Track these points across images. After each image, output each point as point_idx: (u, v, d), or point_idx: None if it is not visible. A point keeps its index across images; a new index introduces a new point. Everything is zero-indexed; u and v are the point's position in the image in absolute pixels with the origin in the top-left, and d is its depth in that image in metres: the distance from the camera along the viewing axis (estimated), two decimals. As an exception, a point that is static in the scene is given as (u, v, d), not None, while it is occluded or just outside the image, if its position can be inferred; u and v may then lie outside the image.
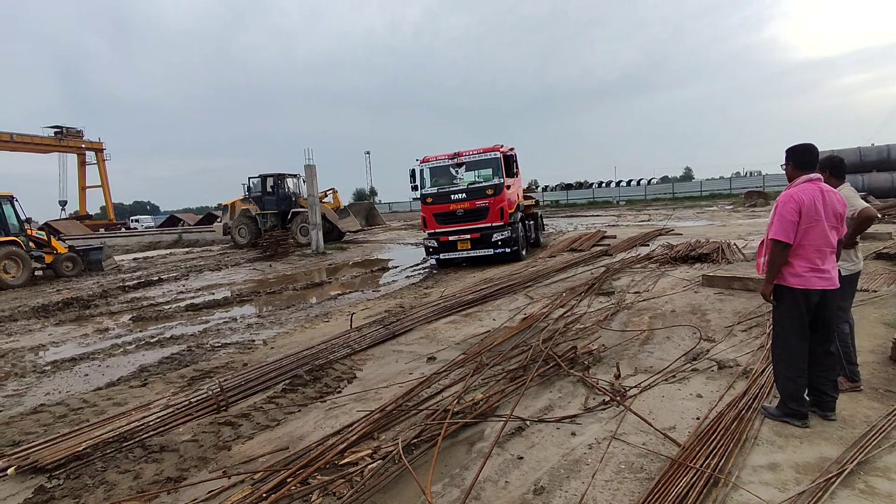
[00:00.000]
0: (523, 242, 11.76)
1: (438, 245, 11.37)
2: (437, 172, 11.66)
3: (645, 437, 2.85)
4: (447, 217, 11.24)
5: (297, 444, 3.14)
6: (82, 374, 5.44)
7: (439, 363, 4.47)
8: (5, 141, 35.54)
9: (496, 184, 10.93)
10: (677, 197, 41.79)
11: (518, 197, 11.87)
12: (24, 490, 2.88)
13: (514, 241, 10.97)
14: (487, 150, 11.24)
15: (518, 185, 12.25)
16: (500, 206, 10.79)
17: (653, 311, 5.64)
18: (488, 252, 10.98)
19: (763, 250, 2.93)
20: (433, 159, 11.70)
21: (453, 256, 11.40)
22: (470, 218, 11.05)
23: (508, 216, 10.88)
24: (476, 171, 11.66)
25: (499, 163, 11.07)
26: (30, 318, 9.08)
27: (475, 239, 11.04)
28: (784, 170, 2.94)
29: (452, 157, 11.45)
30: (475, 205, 10.97)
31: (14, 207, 14.71)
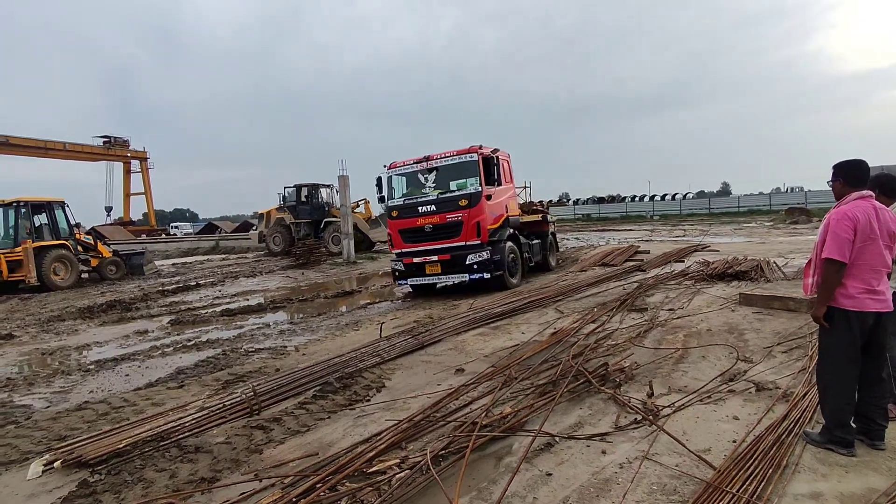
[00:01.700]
0: (514, 266, 9.70)
1: (404, 268, 9.49)
2: (408, 181, 9.91)
3: (678, 458, 2.77)
4: (414, 234, 9.35)
5: (327, 451, 3.18)
6: (123, 374, 5.65)
7: (467, 375, 4.47)
8: (59, 150, 37.48)
9: (472, 193, 8.95)
10: (714, 212, 40.75)
11: (507, 210, 9.90)
12: (69, 483, 3.00)
13: (495, 264, 8.98)
14: (462, 153, 9.25)
15: (509, 196, 10.28)
16: (477, 220, 8.86)
17: (687, 329, 5.50)
18: (462, 278, 9.00)
19: (811, 270, 2.82)
20: (402, 164, 9.90)
21: (422, 282, 9.48)
22: (440, 235, 9.10)
23: (487, 233, 8.99)
24: (450, 178, 9.58)
25: (476, 167, 9.09)
26: (76, 318, 9.50)
27: (445, 261, 9.05)
28: (831, 186, 2.84)
29: (422, 161, 9.62)
30: (446, 219, 8.99)
31: (65, 213, 15.49)
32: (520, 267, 10.00)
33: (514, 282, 9.67)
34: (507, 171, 10.38)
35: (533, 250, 10.93)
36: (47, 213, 15.06)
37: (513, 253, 9.73)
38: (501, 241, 9.32)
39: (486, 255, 8.91)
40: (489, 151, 9.28)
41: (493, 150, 9.49)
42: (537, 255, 11.25)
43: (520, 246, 10.11)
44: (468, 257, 8.89)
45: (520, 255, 10.01)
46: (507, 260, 9.33)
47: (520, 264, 10.00)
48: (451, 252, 9.10)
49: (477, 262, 8.88)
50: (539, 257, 11.40)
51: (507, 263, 9.37)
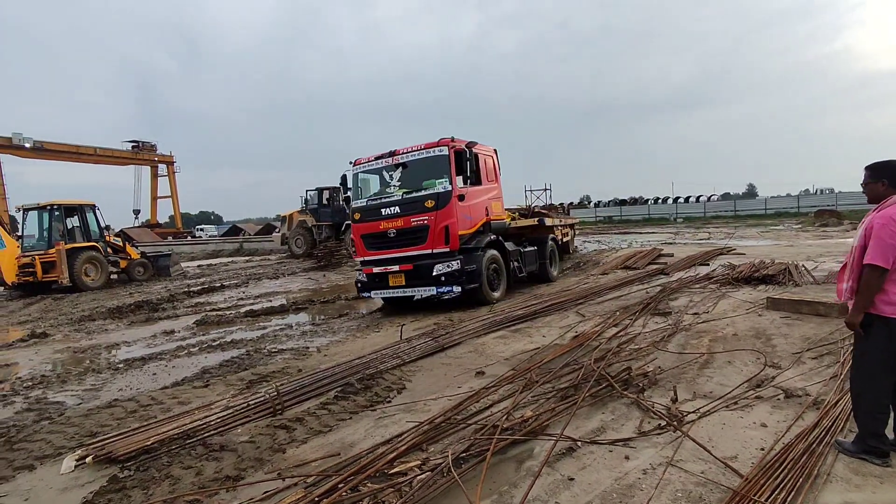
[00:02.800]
0: (495, 278, 8.56)
1: (366, 279, 8.48)
2: (378, 179, 8.80)
3: (704, 465, 2.72)
4: (377, 240, 8.30)
5: (349, 451, 3.21)
6: (151, 372, 5.79)
7: (488, 378, 4.45)
8: (90, 154, 38.68)
9: (440, 192, 7.80)
10: (739, 215, 39.90)
11: (488, 212, 8.73)
12: (99, 478, 3.09)
13: (468, 275, 7.81)
14: (431, 146, 8.07)
15: (491, 197, 9.02)
16: (445, 224, 7.74)
17: (713, 333, 5.39)
18: (429, 291, 7.91)
19: (846, 275, 2.73)
20: (367, 161, 8.73)
21: (389, 295, 8.41)
22: (404, 241, 8.04)
23: (458, 239, 7.83)
24: (420, 176, 8.23)
25: (446, 163, 7.90)
26: (106, 318, 9.78)
27: (409, 272, 7.97)
28: (865, 188, 2.74)
29: (387, 157, 8.49)
30: (410, 223, 7.92)
31: (96, 215, 15.98)
32: (503, 279, 8.82)
33: (496, 296, 8.50)
34: (492, 169, 9.18)
35: (525, 259, 9.65)
36: (79, 215, 15.56)
37: (494, 262, 8.56)
38: (478, 249, 8.14)
39: (457, 264, 7.73)
40: (463, 145, 8.13)
41: (468, 143, 8.31)
42: (531, 265, 9.97)
43: (505, 254, 8.91)
44: (435, 267, 7.74)
45: (504, 265, 8.82)
46: (485, 270, 8.15)
47: (504, 276, 8.82)
48: (415, 261, 7.97)
49: (445, 274, 7.70)
50: (534, 267, 10.14)
51: (487, 274, 8.25)
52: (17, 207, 16.22)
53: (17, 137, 32.74)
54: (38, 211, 15.01)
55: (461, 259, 7.79)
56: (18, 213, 15.85)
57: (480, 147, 8.76)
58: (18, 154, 33.97)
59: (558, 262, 11.66)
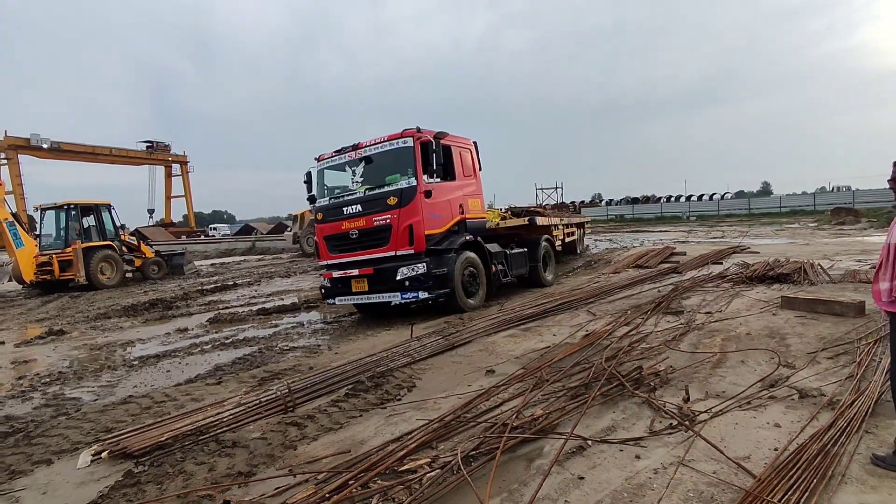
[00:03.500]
0: (472, 282, 7.91)
1: (329, 284, 7.92)
2: (339, 176, 8.15)
3: (716, 465, 2.70)
4: (339, 242, 7.75)
5: (359, 448, 3.23)
6: (165, 370, 5.87)
7: (498, 376, 4.45)
8: (105, 155, 39.29)
9: (403, 188, 7.18)
10: (754, 213, 39.42)
11: (463, 210, 8.05)
12: (115, 473, 3.14)
13: (436, 280, 7.16)
14: (394, 137, 7.46)
15: (468, 193, 8.32)
16: (409, 223, 7.11)
17: (726, 332, 5.34)
18: (394, 298, 7.31)
19: (884, 274, 2.63)
20: (331, 156, 8.12)
21: (352, 301, 7.84)
22: (367, 243, 7.46)
23: (424, 240, 7.21)
24: (384, 171, 7.57)
25: (411, 156, 7.27)
26: (121, 316, 9.93)
27: (370, 276, 7.39)
28: (891, 183, 2.69)
29: (350, 150, 7.87)
30: (372, 222, 7.33)
31: (111, 215, 16.22)
32: (482, 284, 8.13)
33: (472, 303, 7.82)
34: (470, 163, 8.50)
35: (511, 262, 8.90)
36: (95, 215, 15.81)
37: (471, 266, 7.88)
38: (450, 251, 7.48)
39: (423, 268, 7.08)
40: (430, 136, 7.45)
41: (436, 133, 7.57)
42: (520, 268, 9.24)
43: (485, 256, 8.21)
44: (399, 271, 7.14)
45: (483, 268, 8.14)
46: (458, 274, 7.49)
47: (482, 280, 8.13)
48: (376, 264, 7.38)
49: (409, 278, 7.08)
50: (524, 270, 9.40)
51: (461, 279, 7.59)
52: (34, 207, 16.54)
53: (35, 138, 33.35)
54: (55, 210, 15.28)
55: (427, 262, 7.12)
56: (36, 212, 16.15)
57: (453, 139, 8.09)
58: (36, 154, 34.59)
59: (554, 266, 10.85)
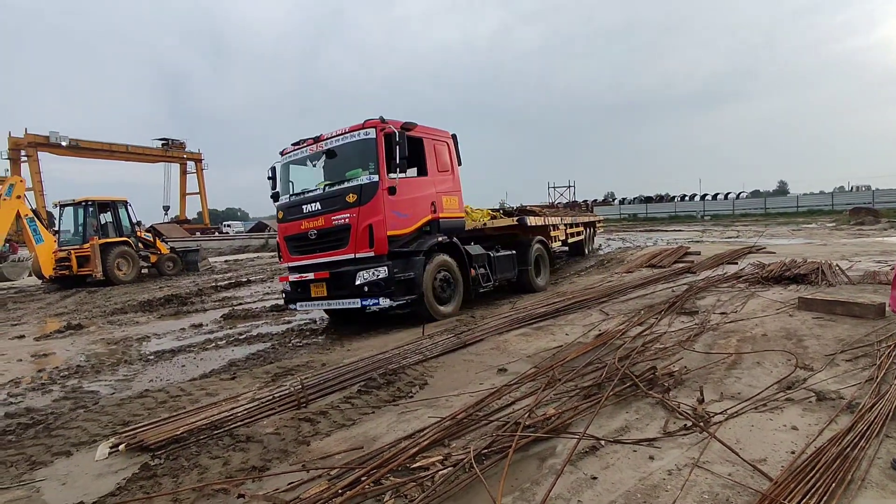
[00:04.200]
0: (446, 288, 7.31)
1: (290, 288, 7.46)
2: (302, 171, 7.64)
3: (731, 467, 2.67)
4: (299, 242, 7.21)
5: (371, 445, 3.24)
6: (180, 364, 5.95)
7: (510, 375, 4.44)
8: (122, 152, 39.88)
9: (363, 184, 6.60)
10: (770, 213, 38.89)
11: (436, 209, 7.43)
12: (132, 465, 3.19)
13: (404, 285, 6.65)
14: (356, 128, 6.84)
15: (443, 190, 7.65)
16: (369, 223, 6.52)
17: (741, 333, 5.27)
18: (353, 304, 6.72)
19: None
20: (293, 150, 7.59)
21: (312, 307, 7.41)
22: (326, 244, 6.91)
23: (386, 242, 6.60)
24: (347, 165, 6.99)
25: (373, 148, 6.65)
26: (137, 311, 10.08)
27: (328, 280, 6.87)
28: None
29: (311, 143, 7.36)
30: (331, 222, 6.78)
31: (128, 211, 16.47)
32: (459, 290, 7.53)
33: (445, 310, 7.23)
34: (447, 158, 7.89)
35: (496, 266, 8.29)
36: (112, 211, 16.06)
37: (445, 270, 7.30)
38: (417, 253, 6.87)
39: (384, 272, 6.47)
40: (396, 126, 6.79)
41: (404, 124, 6.97)
42: (506, 272, 8.61)
43: (463, 259, 7.61)
44: (358, 275, 6.54)
45: (459, 272, 7.54)
46: (428, 279, 6.91)
47: (459, 286, 7.53)
48: (332, 268, 6.82)
49: (369, 283, 6.48)
50: (511, 274, 8.79)
51: (432, 284, 7.03)
52: (54, 203, 16.86)
53: (54, 136, 33.94)
54: (73, 207, 15.55)
55: (389, 265, 6.53)
56: (55, 208, 16.45)
57: (426, 130, 7.54)
58: (55, 152, 35.22)
59: (548, 269, 10.17)
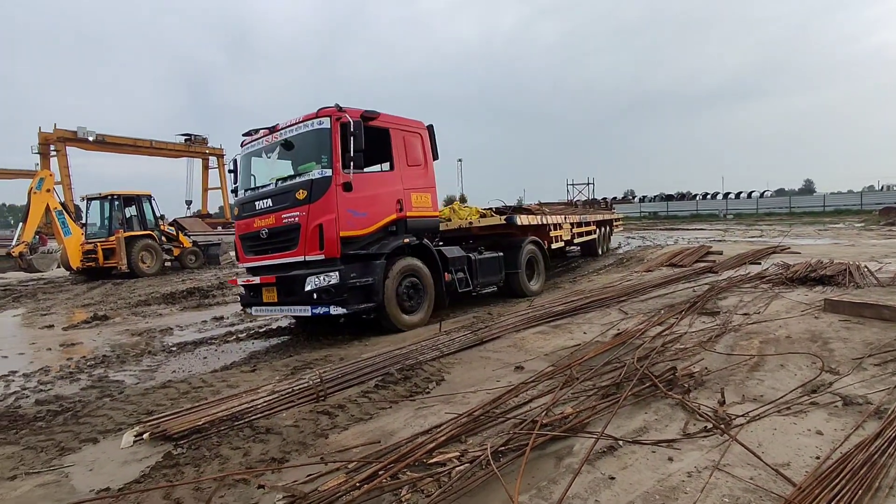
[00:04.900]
0: (412, 295, 6.72)
1: (245, 291, 7.00)
2: (262, 164, 6.97)
3: (753, 471, 2.62)
4: (252, 242, 6.67)
5: (388, 439, 3.27)
6: (202, 356, 6.07)
7: (527, 373, 4.43)
8: (146, 147, 40.64)
9: (314, 179, 6.02)
10: (795, 212, 38.02)
11: (403, 206, 6.79)
12: (155, 454, 3.27)
13: (360, 292, 6.06)
14: (310, 118, 6.25)
15: (413, 187, 7.01)
16: (320, 222, 5.92)
17: (764, 335, 5.17)
18: (304, 312, 6.11)
19: None
20: (250, 141, 7.06)
21: (266, 313, 6.94)
22: (277, 245, 6.36)
23: (338, 243, 5.98)
24: (303, 157, 6.44)
25: (327, 140, 6.05)
26: (160, 303, 10.29)
27: (279, 285, 6.30)
28: None
29: (266, 134, 6.80)
30: (281, 220, 6.23)
31: (151, 205, 16.80)
32: (428, 296, 6.91)
33: (411, 319, 6.62)
34: (419, 151, 7.24)
35: (479, 269, 7.69)
36: (136, 205, 16.41)
37: (412, 274, 6.67)
38: (378, 256, 6.28)
39: (335, 277, 5.85)
40: (354, 115, 6.13)
41: (364, 112, 6.34)
42: (490, 276, 8.01)
43: (436, 263, 7.03)
44: (307, 280, 5.93)
45: (429, 277, 6.93)
46: (391, 285, 6.32)
47: (429, 293, 6.92)
48: (281, 271, 6.28)
49: (318, 290, 5.87)
50: (496, 279, 8.19)
51: (395, 291, 6.42)
52: (81, 197, 17.30)
53: (82, 131, 34.73)
54: (99, 200, 15.93)
55: (342, 270, 5.91)
56: (83, 202, 16.87)
57: (393, 120, 6.94)
58: (82, 147, 36.03)
59: (543, 272, 9.40)
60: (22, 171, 35.73)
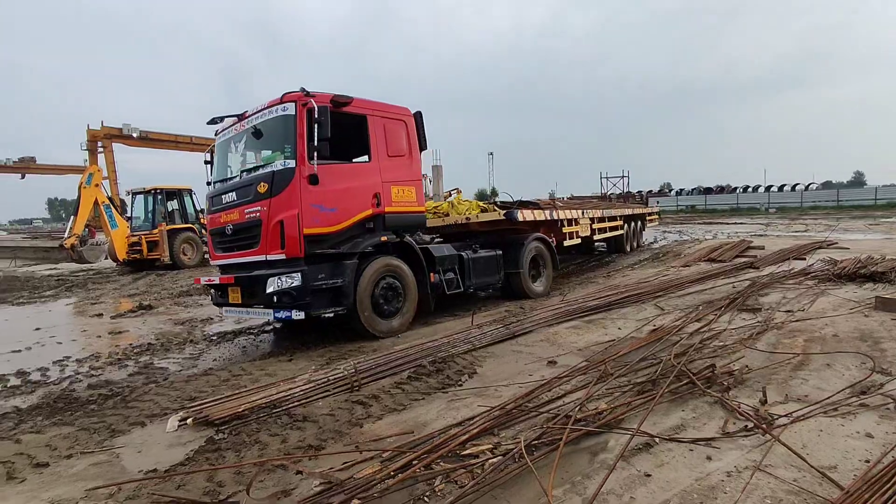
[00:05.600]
0: (390, 298, 6.17)
1: (213, 290, 6.62)
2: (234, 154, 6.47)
3: (797, 473, 2.54)
4: (220, 238, 6.22)
5: (422, 430, 3.31)
6: (241, 346, 6.27)
7: (560, 368, 4.40)
8: (186, 143, 41.86)
9: (276, 171, 5.53)
10: (843, 205, 36.32)
11: (381, 201, 6.20)
12: (198, 438, 3.40)
13: (323, 296, 5.58)
14: (274, 104, 5.74)
15: (395, 179, 6.40)
16: (280, 218, 5.42)
17: (809, 333, 4.98)
18: (267, 315, 5.72)
19: None
20: (222, 130, 6.59)
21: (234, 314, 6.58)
22: (241, 242, 5.92)
23: (300, 242, 5.43)
24: (270, 147, 6.00)
25: (292, 127, 5.54)
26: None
27: (242, 285, 5.85)
28: None
29: (235, 122, 6.35)
30: (244, 215, 5.77)
31: (192, 199, 17.34)
32: (409, 299, 6.37)
33: (390, 325, 6.15)
34: (403, 140, 6.63)
35: (470, 269, 7.16)
36: (178, 199, 16.98)
37: (391, 275, 6.16)
38: (350, 256, 5.77)
39: (297, 279, 5.37)
40: (323, 101, 5.58)
41: (334, 97, 5.77)
42: (486, 277, 7.50)
43: (419, 262, 6.51)
44: (269, 282, 5.43)
45: (411, 278, 6.39)
46: (365, 288, 5.82)
47: (410, 295, 6.38)
48: (243, 271, 5.87)
49: (280, 292, 5.40)
50: (493, 279, 7.67)
51: (372, 294, 5.93)
52: (126, 191, 18.02)
53: (126, 128, 36.07)
54: (143, 195, 16.56)
55: (305, 271, 5.40)
56: (128, 196, 17.58)
57: (370, 105, 6.29)
58: (127, 143, 37.45)
59: (550, 272, 8.74)
60: (72, 167, 37.42)
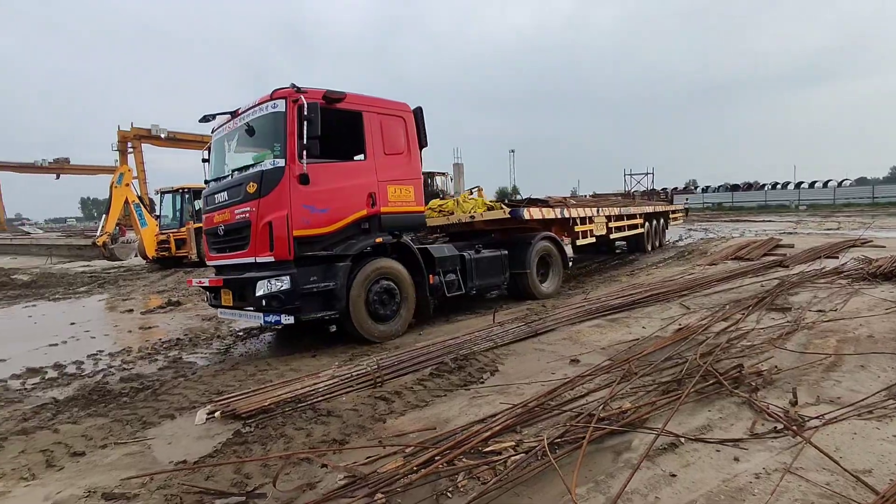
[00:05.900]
0: (386, 302, 5.94)
1: (207, 292, 6.50)
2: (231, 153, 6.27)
3: (829, 476, 2.48)
4: (213, 238, 6.12)
5: (444, 426, 3.32)
6: (266, 341, 6.39)
7: (583, 366, 4.36)
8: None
9: (265, 171, 5.37)
10: (878, 202, 35.10)
11: (376, 201, 5.97)
12: (226, 431, 3.49)
13: (312, 300, 5.39)
14: (264, 101, 5.59)
15: (389, 178, 6.16)
16: (269, 219, 5.24)
17: (841, 333, 4.84)
18: (256, 320, 5.59)
19: None
20: (218, 127, 6.43)
21: (228, 316, 6.41)
22: (232, 244, 5.77)
23: (289, 244, 5.25)
24: (260, 145, 5.84)
25: (282, 124, 5.38)
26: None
27: (232, 288, 5.74)
28: None
29: (228, 120, 6.21)
30: (234, 216, 5.64)
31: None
32: (406, 303, 6.15)
33: (386, 329, 5.93)
34: (402, 138, 6.42)
35: (472, 270, 6.96)
36: (205, 198, 17.33)
37: (386, 277, 5.94)
38: (343, 258, 5.58)
39: (286, 282, 5.20)
40: (314, 97, 5.42)
41: (326, 93, 5.59)
42: (490, 278, 7.27)
43: (418, 264, 6.28)
44: (259, 285, 5.24)
45: (408, 280, 6.18)
46: (358, 291, 5.63)
47: (408, 298, 6.16)
48: (233, 273, 5.78)
49: (269, 296, 5.22)
50: (498, 280, 7.42)
51: (366, 298, 5.73)
52: (155, 190, 18.46)
53: (155, 129, 37.02)
54: (171, 194, 16.95)
55: (294, 274, 5.24)
56: (156, 195, 18.02)
57: (366, 101, 6.11)
58: (156, 143, 38.42)
59: (560, 272, 8.48)
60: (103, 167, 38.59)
